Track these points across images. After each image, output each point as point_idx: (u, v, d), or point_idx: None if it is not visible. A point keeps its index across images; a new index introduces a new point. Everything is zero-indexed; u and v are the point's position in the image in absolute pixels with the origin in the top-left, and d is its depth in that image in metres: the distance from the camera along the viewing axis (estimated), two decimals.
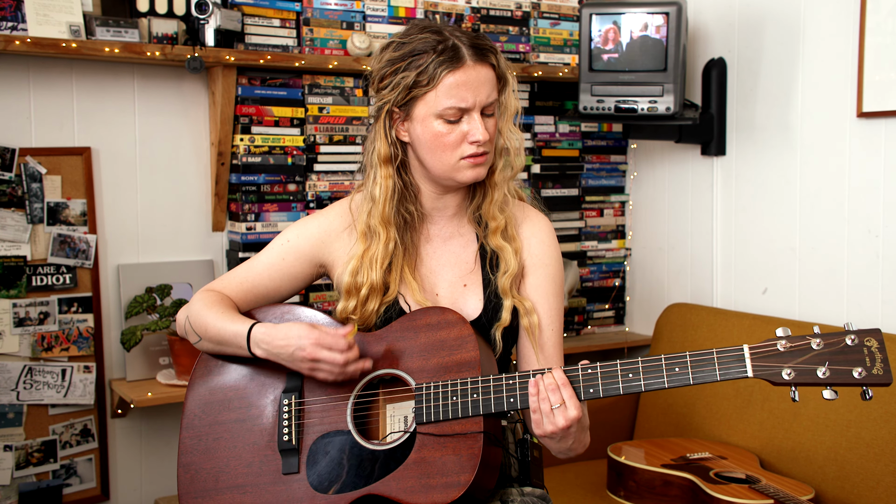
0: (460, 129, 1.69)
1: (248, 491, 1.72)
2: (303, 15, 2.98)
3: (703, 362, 1.51)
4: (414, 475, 1.61)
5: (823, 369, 1.45)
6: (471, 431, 1.61)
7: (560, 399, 1.55)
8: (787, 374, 1.46)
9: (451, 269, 1.83)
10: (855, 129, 2.76)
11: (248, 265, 1.87)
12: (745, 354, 1.48)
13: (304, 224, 1.87)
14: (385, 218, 1.77)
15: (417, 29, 1.71)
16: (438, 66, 1.65)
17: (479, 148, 1.70)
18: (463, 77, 1.66)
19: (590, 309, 3.60)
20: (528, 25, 3.39)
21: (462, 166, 1.72)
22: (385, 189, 1.76)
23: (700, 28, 3.26)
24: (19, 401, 2.69)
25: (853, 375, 1.44)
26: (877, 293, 2.71)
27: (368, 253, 1.78)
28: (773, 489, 2.35)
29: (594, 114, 3.03)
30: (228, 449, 1.76)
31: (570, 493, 2.70)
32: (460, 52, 1.66)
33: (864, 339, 1.45)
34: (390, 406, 1.73)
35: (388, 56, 1.71)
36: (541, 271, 1.82)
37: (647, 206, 3.57)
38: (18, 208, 2.68)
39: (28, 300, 2.69)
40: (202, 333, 1.79)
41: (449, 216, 1.84)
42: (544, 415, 1.56)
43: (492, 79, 1.70)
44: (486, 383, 1.62)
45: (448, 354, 1.67)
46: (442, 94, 1.66)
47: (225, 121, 2.85)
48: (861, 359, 1.44)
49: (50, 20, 2.59)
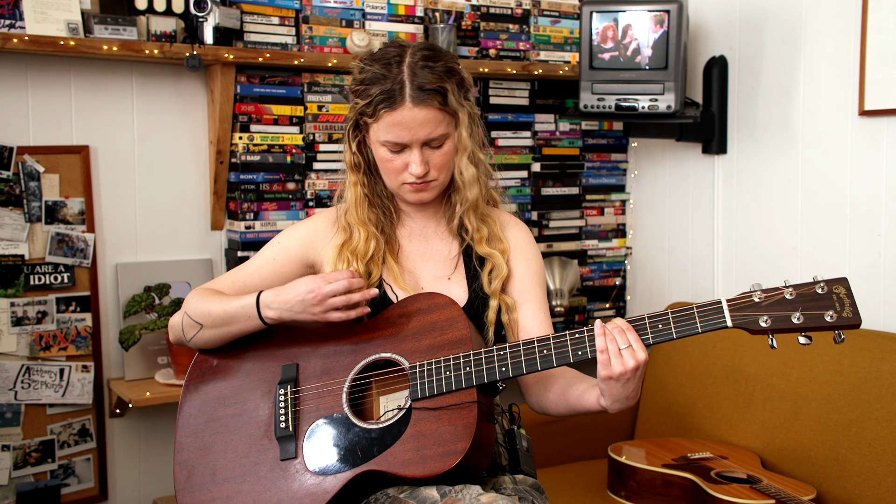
0: (402, 158, 1.78)
1: (247, 480, 1.73)
2: (302, 13, 2.97)
3: (685, 317, 1.58)
4: (411, 448, 1.63)
5: (797, 314, 1.53)
6: (465, 402, 1.64)
7: (627, 341, 1.59)
8: (764, 322, 1.54)
9: (434, 265, 1.91)
10: (856, 127, 2.75)
11: (239, 267, 1.95)
12: (723, 306, 1.57)
13: (296, 227, 1.96)
14: (360, 218, 1.87)
15: (383, 54, 1.77)
16: (379, 103, 1.73)
17: (417, 178, 1.78)
18: (399, 117, 1.73)
19: (590, 308, 3.59)
20: (528, 23, 3.38)
21: (405, 190, 1.83)
22: (354, 195, 1.88)
23: (701, 26, 3.25)
24: (17, 400, 2.68)
25: (825, 319, 1.51)
26: (878, 292, 2.70)
27: (350, 245, 1.86)
28: (774, 489, 2.34)
29: (595, 112, 3.02)
30: (225, 443, 1.77)
31: (570, 493, 2.69)
32: (401, 93, 1.72)
33: (832, 287, 1.53)
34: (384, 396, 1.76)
35: (354, 75, 1.81)
36: (526, 268, 1.91)
37: (648, 205, 3.56)
38: (16, 207, 2.67)
39: (26, 299, 2.68)
40: (204, 320, 1.81)
41: (428, 215, 1.93)
42: (612, 355, 1.59)
43: (434, 118, 1.75)
44: (477, 356, 1.67)
45: (440, 334, 1.71)
46: (381, 129, 1.76)
47: (224, 119, 2.84)
48: (832, 304, 1.52)
49: (48, 18, 2.58)
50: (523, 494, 1.72)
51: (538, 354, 1.65)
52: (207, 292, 1.87)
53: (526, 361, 1.65)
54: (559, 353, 1.64)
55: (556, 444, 3.01)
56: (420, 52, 1.77)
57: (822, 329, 1.53)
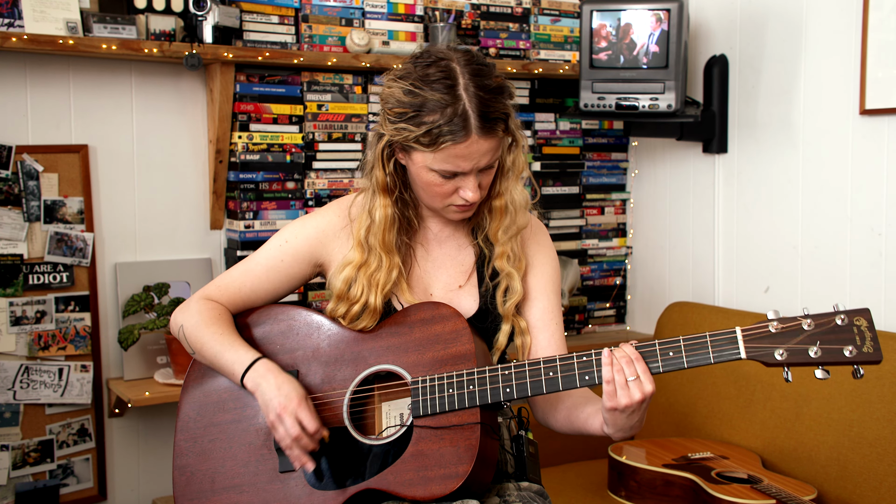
0: (453, 183, 1.68)
1: (245, 490, 1.71)
2: (301, 11, 2.96)
3: (697, 346, 1.53)
4: (412, 468, 1.61)
5: (815, 349, 1.47)
6: (468, 423, 1.61)
7: (634, 372, 1.53)
8: (780, 355, 1.48)
9: (445, 271, 1.84)
10: (857, 126, 2.74)
11: (245, 267, 1.86)
12: (737, 337, 1.50)
13: (302, 224, 1.86)
14: (386, 244, 1.75)
15: (435, 73, 1.63)
16: (443, 134, 1.60)
17: (467, 202, 1.69)
18: (465, 150, 1.62)
19: (590, 308, 3.58)
20: (528, 22, 3.37)
21: (450, 210, 1.74)
22: (383, 217, 1.75)
23: (702, 25, 3.24)
24: (16, 400, 2.67)
25: (844, 354, 1.45)
26: (879, 292, 2.70)
27: (368, 269, 1.75)
28: (775, 489, 2.33)
29: (595, 111, 3.01)
30: (224, 450, 1.75)
31: (570, 493, 2.68)
32: (468, 125, 1.60)
33: (853, 319, 1.46)
34: (386, 403, 1.73)
35: (398, 96, 1.65)
36: (545, 276, 1.84)
37: (649, 204, 3.56)
38: (15, 206, 2.66)
39: (25, 299, 2.67)
40: (197, 350, 1.78)
41: (444, 222, 1.85)
42: (619, 386, 1.53)
43: (495, 146, 1.66)
44: (481, 374, 1.62)
45: (443, 348, 1.67)
46: (440, 159, 1.63)
47: (223, 118, 2.84)
48: (851, 337, 1.45)
49: (47, 17, 2.57)
50: (527, 501, 1.70)
51: (544, 377, 1.60)
52: (210, 315, 1.78)
53: (531, 384, 1.60)
54: (566, 377, 1.59)
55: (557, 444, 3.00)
56: (469, 67, 1.64)
57: (840, 364, 1.46)
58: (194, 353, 1.80)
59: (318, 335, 1.78)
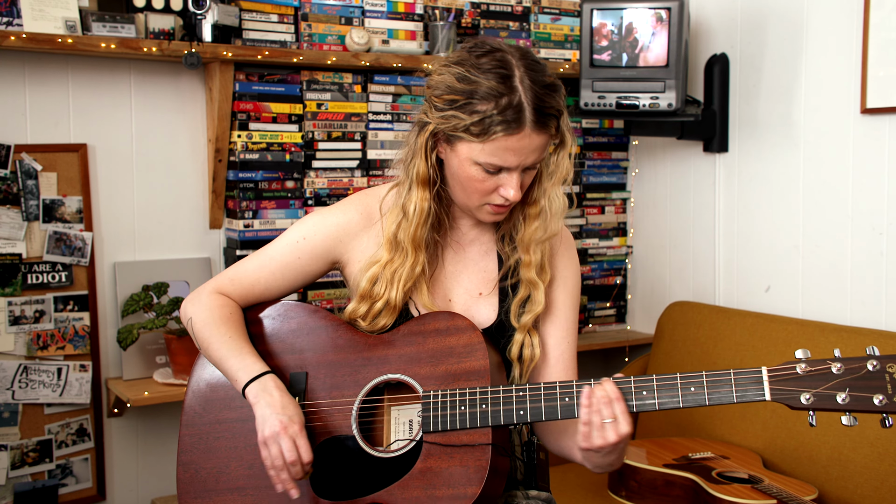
0: (495, 180, 1.62)
1: (249, 493, 1.69)
2: (301, 10, 2.96)
3: (720, 383, 1.48)
4: (419, 485, 1.58)
5: (843, 395, 1.42)
6: (479, 443, 1.57)
7: (612, 413, 1.49)
8: (806, 400, 1.43)
9: (468, 277, 1.78)
10: (859, 125, 2.74)
11: (259, 262, 1.80)
12: (763, 377, 1.46)
13: (322, 219, 1.78)
14: (416, 240, 1.69)
15: (489, 62, 1.58)
16: (495, 124, 1.55)
17: (506, 201, 1.64)
18: (516, 144, 1.57)
19: (591, 307, 3.57)
20: (528, 21, 3.36)
21: (485, 210, 1.67)
22: (419, 211, 1.68)
23: (702, 23, 3.24)
24: (14, 400, 2.67)
25: (874, 402, 1.40)
26: (881, 291, 2.69)
27: (392, 266, 1.70)
28: (775, 489, 2.33)
29: (595, 110, 3.01)
30: (229, 449, 1.73)
31: (571, 493, 2.68)
32: (522, 117, 1.55)
33: (885, 366, 1.41)
34: (395, 408, 1.70)
35: (449, 81, 1.59)
36: (566, 291, 1.80)
37: (649, 204, 3.55)
38: (14, 205, 2.66)
39: (23, 298, 2.67)
40: (204, 349, 1.75)
41: (472, 224, 1.80)
42: (594, 428, 1.50)
43: (545, 143, 1.61)
44: (495, 394, 1.58)
45: (457, 362, 1.63)
46: (488, 151, 1.58)
47: (222, 117, 2.83)
48: (882, 385, 1.40)
49: (46, 15, 2.56)
50: None
51: (559, 402, 1.55)
52: (221, 314, 1.74)
53: (546, 408, 1.56)
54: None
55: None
56: (524, 61, 1.59)
57: (869, 412, 1.42)
58: (200, 348, 1.77)
59: (330, 337, 1.74)
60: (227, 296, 1.79)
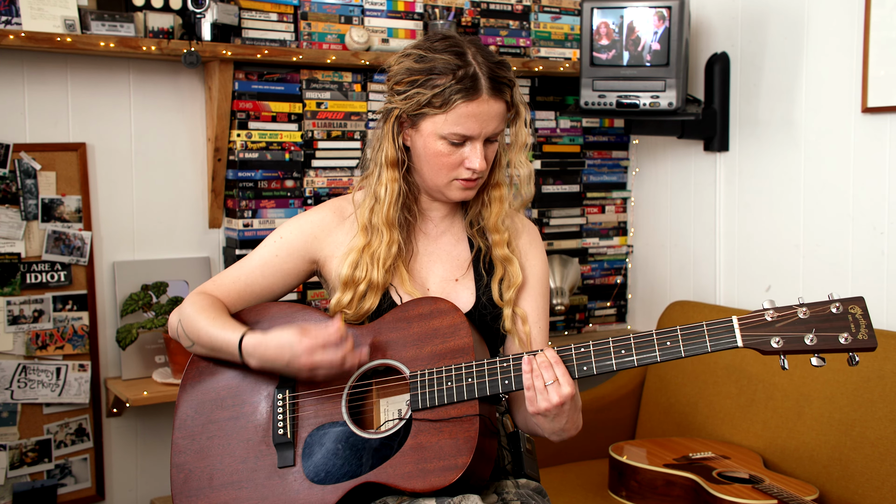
0: (460, 153, 1.72)
1: (244, 486, 1.70)
2: (300, 9, 2.95)
3: (694, 335, 1.55)
4: (411, 461, 1.61)
5: (811, 336, 1.49)
6: (467, 415, 1.61)
7: (553, 376, 1.57)
8: (776, 343, 1.50)
9: (441, 265, 1.85)
10: (859, 124, 2.73)
11: (240, 264, 1.88)
12: (734, 325, 1.52)
13: (297, 220, 1.88)
14: (389, 220, 1.78)
15: (442, 45, 1.72)
16: (454, 93, 1.67)
17: (473, 174, 1.74)
18: (476, 109, 1.69)
19: (591, 307, 3.57)
20: (528, 20, 3.35)
21: (454, 186, 1.77)
22: (391, 192, 1.79)
23: (703, 22, 3.23)
24: (13, 400, 2.66)
25: (839, 341, 1.48)
26: (882, 290, 2.68)
27: (370, 249, 1.79)
28: (776, 489, 2.32)
29: (596, 109, 3.00)
30: (222, 447, 1.74)
31: (571, 493, 2.67)
32: (478, 84, 1.68)
33: (848, 307, 1.49)
34: (384, 399, 1.73)
35: (408, 65, 1.72)
36: (533, 278, 1.87)
37: (650, 203, 3.54)
38: (12, 205, 2.65)
39: (22, 298, 2.66)
40: (195, 339, 1.78)
41: (442, 215, 1.88)
42: (538, 391, 1.57)
43: (502, 112, 1.73)
44: (479, 367, 1.63)
45: (441, 342, 1.68)
46: (451, 121, 1.69)
47: (221, 116, 2.82)
48: (846, 325, 1.48)
49: (44, 14, 2.56)
50: (525, 499, 1.70)
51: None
52: (203, 303, 1.79)
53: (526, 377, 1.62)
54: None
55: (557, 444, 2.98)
56: (474, 44, 1.73)
57: (835, 351, 1.49)
58: (192, 344, 1.79)
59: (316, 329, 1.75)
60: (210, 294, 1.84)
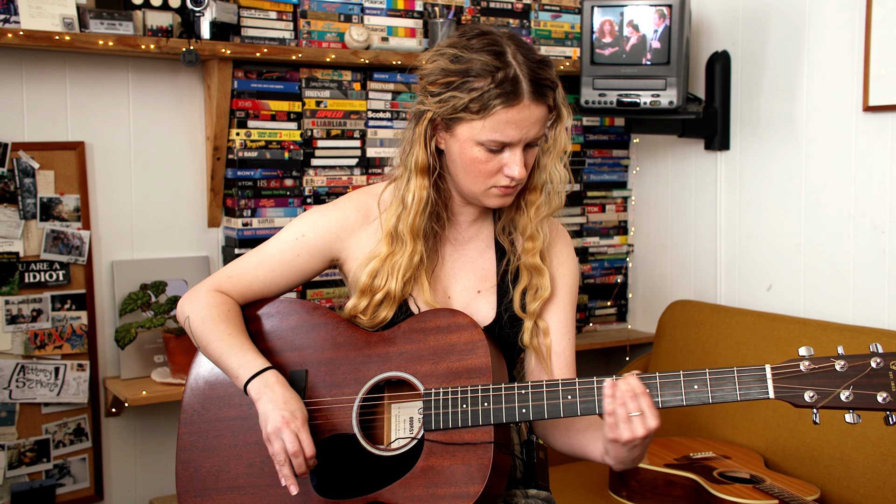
0: (499, 160, 1.61)
1: (249, 492, 1.68)
2: (300, 7, 2.94)
3: (723, 380, 1.47)
4: (421, 483, 1.57)
5: (847, 393, 1.41)
6: (481, 441, 1.56)
7: (638, 407, 1.48)
8: (810, 397, 1.43)
9: (466, 274, 1.77)
10: (861, 123, 2.72)
11: (257, 259, 1.79)
12: (766, 375, 1.45)
13: (321, 216, 1.77)
14: (414, 229, 1.69)
15: (479, 42, 1.60)
16: (493, 98, 1.56)
17: (512, 181, 1.63)
18: (516, 115, 1.57)
19: (591, 306, 3.56)
20: (528, 18, 3.35)
21: (492, 193, 1.66)
22: (418, 200, 1.68)
23: (703, 21, 3.22)
24: (11, 399, 2.65)
25: (877, 400, 1.40)
26: (883, 290, 2.67)
27: (392, 258, 1.70)
28: (777, 489, 2.31)
29: (596, 108, 2.99)
30: (229, 448, 1.72)
31: (571, 493, 2.66)
32: (519, 88, 1.56)
33: (889, 363, 1.40)
34: (396, 405, 1.69)
35: (443, 65, 1.61)
36: (563, 288, 1.79)
37: (650, 202, 3.53)
38: (11, 204, 2.64)
39: (21, 297, 2.65)
40: (202, 347, 1.73)
41: (471, 220, 1.79)
42: (620, 420, 1.48)
43: (544, 116, 1.62)
44: (497, 391, 1.57)
45: (458, 360, 1.62)
46: (489, 127, 1.58)
47: (221, 115, 2.82)
48: (886, 383, 1.39)
49: (43, 12, 2.55)
50: None
51: (562, 400, 1.54)
52: (219, 311, 1.73)
53: (549, 406, 1.55)
54: (584, 403, 1.54)
55: None
56: (513, 40, 1.61)
57: (872, 410, 1.41)
58: (199, 346, 1.75)
59: (330, 335, 1.73)
60: (225, 293, 1.78)
